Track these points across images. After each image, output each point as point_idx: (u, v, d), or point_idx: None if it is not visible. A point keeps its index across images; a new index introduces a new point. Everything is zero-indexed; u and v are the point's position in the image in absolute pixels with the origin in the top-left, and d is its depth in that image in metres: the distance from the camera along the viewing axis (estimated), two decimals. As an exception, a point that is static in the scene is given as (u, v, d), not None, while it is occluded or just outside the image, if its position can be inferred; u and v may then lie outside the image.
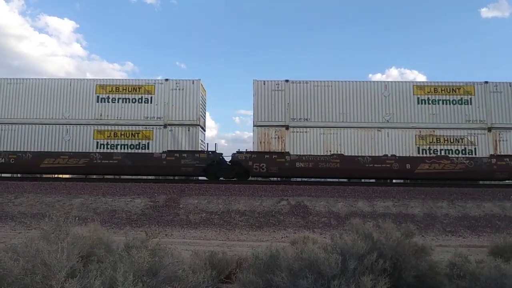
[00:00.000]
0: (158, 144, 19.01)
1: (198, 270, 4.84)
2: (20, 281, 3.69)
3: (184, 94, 19.33)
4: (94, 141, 19.05)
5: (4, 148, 19.05)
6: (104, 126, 19.22)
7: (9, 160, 18.78)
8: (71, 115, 19.27)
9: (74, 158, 18.76)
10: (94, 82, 19.68)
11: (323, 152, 18.55)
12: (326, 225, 12.79)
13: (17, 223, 12.93)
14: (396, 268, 4.88)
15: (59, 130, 19.15)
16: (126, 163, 18.74)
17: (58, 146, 19.02)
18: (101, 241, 5.22)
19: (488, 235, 12.01)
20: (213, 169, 19.14)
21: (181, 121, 19.15)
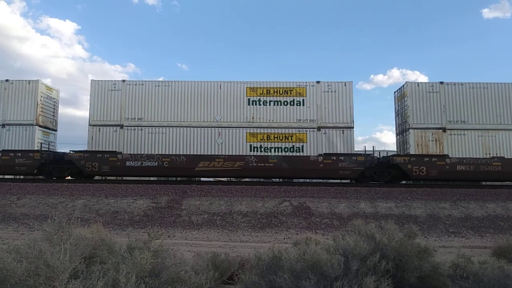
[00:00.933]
0: (312, 147, 18.91)
1: (200, 271, 4.84)
2: (23, 282, 3.70)
3: (337, 97, 19.25)
4: (247, 144, 18.95)
5: (156, 151, 18.91)
6: (256, 129, 19.09)
7: (162, 164, 18.60)
8: (222, 118, 19.20)
9: (229, 161, 18.57)
10: (244, 85, 19.56)
11: (481, 155, 18.56)
12: (328, 226, 12.78)
13: (20, 225, 12.96)
14: (399, 269, 4.87)
15: (211, 133, 19.06)
16: (282, 166, 18.52)
17: (210, 149, 18.92)
18: (104, 242, 5.22)
19: (491, 236, 11.98)
20: (369, 172, 18.90)
21: (334, 124, 19.07)
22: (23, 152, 19.05)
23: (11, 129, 19.54)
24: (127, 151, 18.89)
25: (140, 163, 18.60)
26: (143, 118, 19.25)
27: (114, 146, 19.05)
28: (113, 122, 19.27)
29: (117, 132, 19.16)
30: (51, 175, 19.37)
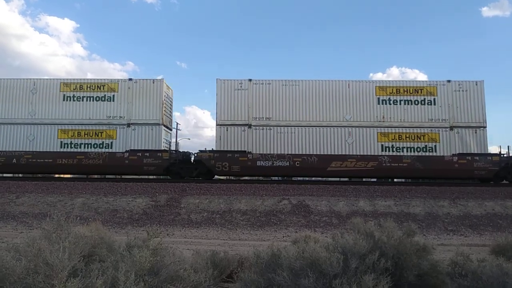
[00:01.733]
0: (445, 146, 18.83)
1: (199, 270, 4.85)
2: (22, 281, 3.70)
3: (468, 96, 19.16)
4: (378, 144, 18.86)
5: (284, 151, 18.83)
6: (387, 128, 19.02)
7: (294, 163, 18.53)
8: (352, 117, 19.10)
9: (362, 161, 18.50)
10: (373, 84, 19.55)
11: None
12: (327, 224, 12.79)
13: (19, 223, 12.96)
14: (398, 267, 4.88)
15: (341, 132, 18.95)
16: (416, 166, 18.44)
17: (340, 148, 18.81)
18: (103, 240, 5.22)
19: (490, 234, 12.01)
20: (504, 172, 18.70)
21: (467, 123, 18.97)
22: (152, 152, 18.94)
23: (136, 129, 19.36)
24: (256, 151, 18.82)
25: (271, 163, 18.56)
26: (271, 117, 19.15)
27: (242, 146, 18.96)
28: (241, 122, 19.15)
29: (245, 132, 19.07)
30: (179, 175, 19.29)
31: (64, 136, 19.38)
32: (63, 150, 19.19)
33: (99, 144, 19.26)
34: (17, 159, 19.09)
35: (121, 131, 19.39)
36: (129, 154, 18.95)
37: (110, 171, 20.21)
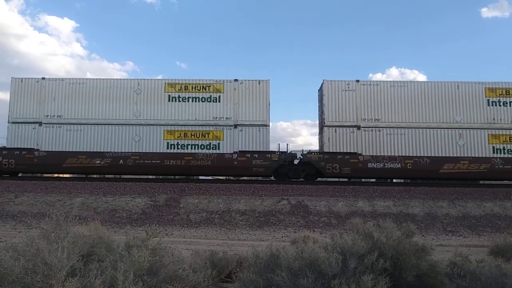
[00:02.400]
0: None
1: (198, 269, 4.84)
2: (21, 280, 3.69)
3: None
4: (489, 146, 18.76)
5: (394, 152, 18.73)
6: (498, 130, 18.90)
7: (405, 165, 18.44)
8: (462, 119, 19.01)
9: (474, 163, 18.39)
10: (483, 86, 19.39)
11: None
12: (326, 224, 12.79)
13: (18, 222, 12.94)
14: (397, 267, 4.88)
15: (451, 134, 18.87)
16: None
17: (451, 150, 18.68)
18: (102, 240, 5.22)
19: (489, 234, 12.02)
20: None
21: None
22: (260, 153, 18.82)
23: (244, 130, 19.28)
24: (365, 153, 18.73)
25: (382, 164, 18.46)
26: (380, 119, 19.08)
27: (351, 147, 18.90)
28: (349, 123, 19.10)
29: (354, 133, 18.99)
30: (287, 176, 19.18)
31: (170, 137, 19.25)
32: (170, 151, 19.09)
33: (206, 145, 19.18)
34: (124, 160, 18.89)
35: (228, 132, 19.25)
36: (238, 155, 18.82)
37: (219, 172, 19.95)
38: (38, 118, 19.50)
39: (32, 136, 19.31)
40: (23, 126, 19.40)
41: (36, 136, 19.30)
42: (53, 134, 19.29)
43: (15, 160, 18.87)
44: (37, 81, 19.81)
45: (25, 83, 19.79)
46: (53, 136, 19.28)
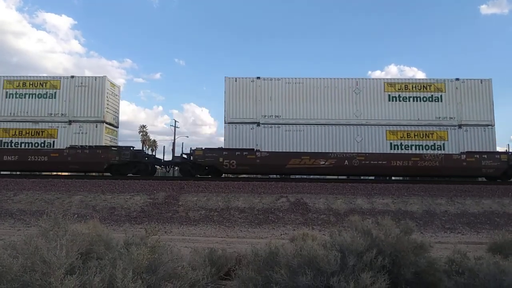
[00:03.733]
0: None
1: (197, 267, 4.84)
2: (19, 278, 3.69)
3: None
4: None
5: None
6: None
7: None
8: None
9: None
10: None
11: None
12: (325, 222, 12.81)
13: (16, 220, 12.93)
14: (395, 264, 4.89)
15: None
16: None
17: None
18: (100, 238, 5.21)
19: (487, 231, 12.05)
20: None
21: None
22: (490, 154, 18.71)
23: (468, 130, 19.21)
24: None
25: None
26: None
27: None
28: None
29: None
30: None
31: (393, 137, 19.25)
32: (395, 152, 19.05)
33: (430, 146, 19.15)
34: (349, 160, 18.81)
35: (452, 132, 19.20)
36: (466, 156, 18.68)
37: (445, 173, 19.66)
38: (255, 118, 19.53)
39: (250, 136, 19.35)
40: (241, 127, 19.47)
41: (255, 136, 19.33)
42: (272, 135, 19.34)
43: (236, 161, 18.83)
44: (252, 81, 19.82)
45: (239, 82, 19.79)
46: (272, 136, 19.33)
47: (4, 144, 19.58)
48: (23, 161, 19.22)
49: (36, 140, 19.62)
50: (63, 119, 19.84)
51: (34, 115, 19.91)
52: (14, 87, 20.15)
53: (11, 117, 19.91)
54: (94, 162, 19.19)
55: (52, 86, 20.04)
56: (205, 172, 19.36)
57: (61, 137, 19.68)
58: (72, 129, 19.75)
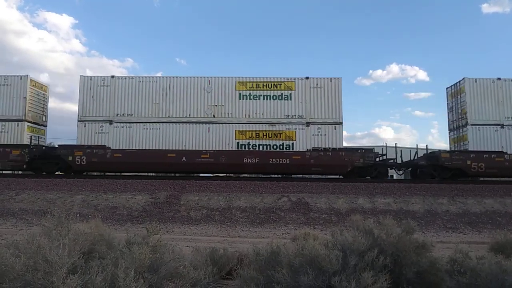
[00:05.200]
0: None
1: (199, 267, 4.85)
2: (22, 278, 3.70)
3: None
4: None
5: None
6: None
7: None
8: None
9: None
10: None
11: None
12: (327, 221, 12.80)
13: (19, 220, 12.96)
14: (397, 264, 4.88)
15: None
16: None
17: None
18: (102, 237, 5.22)
19: (489, 231, 12.02)
20: None
21: None
22: None
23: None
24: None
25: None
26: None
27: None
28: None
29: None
30: None
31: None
32: None
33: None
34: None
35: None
36: None
37: None
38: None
39: None
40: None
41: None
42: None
43: None
44: (492, 82, 19.82)
45: (479, 83, 19.73)
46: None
47: None
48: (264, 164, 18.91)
49: None
50: None
51: None
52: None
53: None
54: (337, 165, 18.77)
55: None
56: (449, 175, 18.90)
57: None
58: None
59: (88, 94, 19.70)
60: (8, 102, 20.00)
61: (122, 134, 19.42)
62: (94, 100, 19.65)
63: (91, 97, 19.68)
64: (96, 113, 19.61)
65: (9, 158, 18.85)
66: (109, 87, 19.63)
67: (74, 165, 18.80)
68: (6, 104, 20.02)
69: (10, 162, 18.91)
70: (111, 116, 19.53)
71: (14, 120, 19.92)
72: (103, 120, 19.55)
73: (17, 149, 19.07)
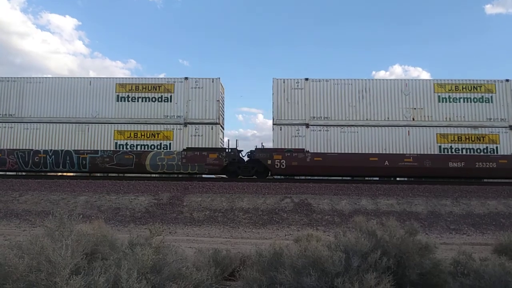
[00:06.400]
0: None
1: (202, 268, 4.86)
2: (25, 278, 3.71)
3: None
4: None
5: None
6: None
7: None
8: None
9: None
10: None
11: None
12: (329, 222, 12.78)
13: (22, 221, 13.01)
14: (400, 265, 4.88)
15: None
16: None
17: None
18: (105, 238, 5.24)
19: (493, 233, 11.97)
20: None
21: None
22: None
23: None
24: None
25: None
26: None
27: None
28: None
29: None
30: None
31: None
32: None
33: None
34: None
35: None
36: None
37: None
38: None
39: None
40: None
41: None
42: None
43: None
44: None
45: None
46: None
47: None
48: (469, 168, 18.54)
49: None
50: None
51: None
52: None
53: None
54: None
55: None
56: None
57: None
58: None
59: (282, 97, 19.46)
60: (202, 105, 19.71)
61: (319, 138, 19.14)
62: (289, 103, 19.43)
63: (285, 100, 19.45)
64: (291, 116, 19.36)
65: (206, 162, 18.86)
66: (303, 90, 19.43)
67: (273, 168, 18.73)
68: (200, 107, 19.72)
69: (208, 166, 18.88)
70: (307, 119, 19.28)
71: (208, 123, 19.57)
72: (299, 123, 19.26)
73: (215, 152, 19.05)
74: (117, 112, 19.41)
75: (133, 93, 19.55)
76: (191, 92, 19.48)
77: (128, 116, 19.35)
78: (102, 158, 18.98)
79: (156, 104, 19.44)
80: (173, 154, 18.96)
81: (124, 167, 19.15)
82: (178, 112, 19.35)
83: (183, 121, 19.28)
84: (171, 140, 19.14)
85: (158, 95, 19.47)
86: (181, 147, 19.05)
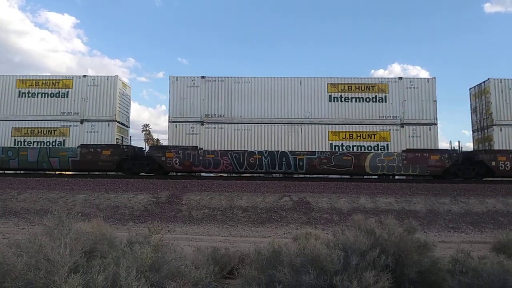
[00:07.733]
0: None
1: (200, 266, 4.86)
2: (23, 277, 3.71)
3: None
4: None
5: None
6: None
7: None
8: None
9: None
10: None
11: None
12: (328, 221, 12.80)
13: (21, 219, 12.99)
14: (399, 264, 4.88)
15: None
16: None
17: None
18: (104, 236, 5.23)
19: (491, 231, 12.01)
20: None
21: None
22: None
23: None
24: None
25: None
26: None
27: None
28: None
29: None
30: None
31: None
32: None
33: None
34: None
35: None
36: None
37: None
38: None
39: None
40: None
41: None
42: None
43: None
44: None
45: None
46: None
47: None
48: None
49: None
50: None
51: None
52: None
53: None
54: None
55: None
56: None
57: None
58: None
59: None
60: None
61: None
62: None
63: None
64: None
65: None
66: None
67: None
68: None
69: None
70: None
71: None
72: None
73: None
74: (330, 113, 19.22)
75: (345, 93, 19.36)
76: (406, 92, 19.30)
77: (342, 117, 19.18)
78: (320, 159, 18.73)
79: (370, 105, 19.24)
80: (393, 155, 18.69)
81: (343, 169, 18.90)
82: (393, 113, 19.17)
83: (399, 121, 19.07)
84: (388, 141, 18.96)
85: (372, 95, 19.27)
86: (399, 149, 18.83)
